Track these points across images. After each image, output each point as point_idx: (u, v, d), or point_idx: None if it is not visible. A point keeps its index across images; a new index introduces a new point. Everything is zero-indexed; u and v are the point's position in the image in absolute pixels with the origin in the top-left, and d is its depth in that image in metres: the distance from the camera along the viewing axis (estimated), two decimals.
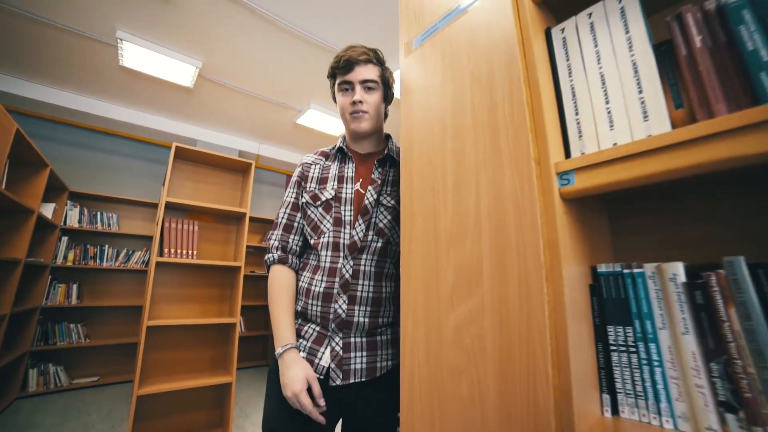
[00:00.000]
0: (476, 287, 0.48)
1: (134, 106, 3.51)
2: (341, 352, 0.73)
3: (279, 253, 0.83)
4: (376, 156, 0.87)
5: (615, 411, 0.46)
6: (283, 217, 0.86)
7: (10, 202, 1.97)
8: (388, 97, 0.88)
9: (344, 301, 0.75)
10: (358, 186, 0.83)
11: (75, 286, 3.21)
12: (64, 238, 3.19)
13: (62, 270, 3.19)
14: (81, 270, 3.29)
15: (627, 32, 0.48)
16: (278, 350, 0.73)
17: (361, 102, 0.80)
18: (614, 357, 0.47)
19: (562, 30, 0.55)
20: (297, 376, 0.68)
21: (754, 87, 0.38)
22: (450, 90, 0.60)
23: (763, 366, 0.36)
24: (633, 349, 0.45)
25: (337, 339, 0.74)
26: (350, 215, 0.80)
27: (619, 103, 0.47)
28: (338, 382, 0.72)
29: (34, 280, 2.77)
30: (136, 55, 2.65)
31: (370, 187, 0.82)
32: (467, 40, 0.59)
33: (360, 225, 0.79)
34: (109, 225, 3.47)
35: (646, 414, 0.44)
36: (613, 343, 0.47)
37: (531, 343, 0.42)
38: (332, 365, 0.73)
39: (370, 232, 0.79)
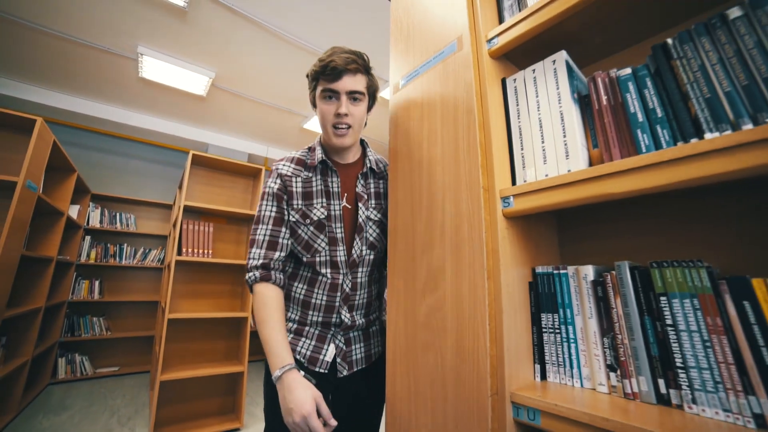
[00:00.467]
0: (441, 283, 0.64)
1: (151, 113, 3.72)
2: (344, 347, 0.81)
3: (261, 271, 0.77)
4: (357, 167, 0.87)
5: (543, 376, 0.61)
6: (265, 235, 0.79)
7: (46, 206, 2.18)
8: (371, 106, 0.85)
9: (346, 311, 0.81)
10: (344, 202, 0.83)
11: (97, 282, 3.44)
12: (87, 238, 3.42)
13: (85, 267, 3.42)
14: (102, 267, 3.52)
15: (557, 88, 0.62)
16: (276, 372, 0.67)
17: (346, 115, 0.76)
18: (545, 337, 0.62)
19: (514, 80, 0.69)
20: (304, 397, 0.64)
21: (635, 140, 0.53)
22: (426, 126, 0.75)
23: (632, 338, 0.51)
24: (558, 331, 0.60)
25: (339, 337, 0.81)
26: (342, 232, 0.81)
27: (550, 142, 0.62)
28: (345, 372, 0.80)
29: (61, 277, 2.99)
30: (155, 68, 2.85)
31: (360, 204, 0.83)
32: (440, 86, 0.74)
33: (357, 243, 0.82)
34: (127, 225, 3.69)
35: (564, 378, 0.58)
36: (545, 326, 0.62)
37: (476, 325, 0.57)
38: (338, 359, 0.80)
39: (365, 248, 0.83)
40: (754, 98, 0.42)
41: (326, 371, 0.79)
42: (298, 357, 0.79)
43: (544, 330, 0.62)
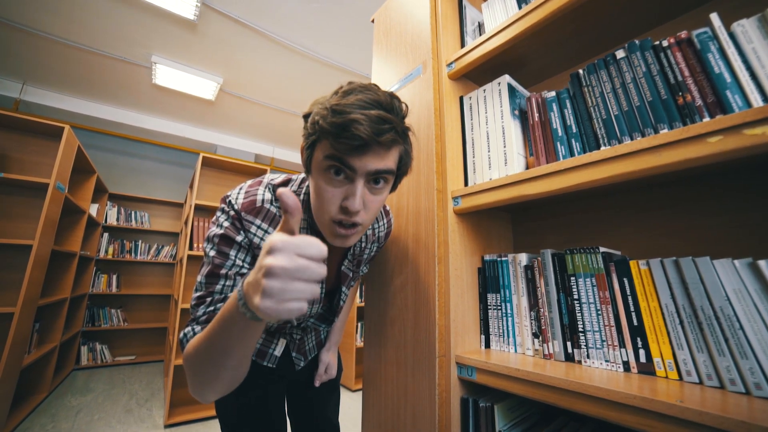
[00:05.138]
0: (404, 268, 0.77)
1: (163, 117, 3.93)
2: (297, 340, 0.77)
3: (202, 326, 0.50)
4: None
5: (487, 345, 0.73)
6: (223, 291, 0.53)
7: (71, 205, 2.38)
8: (396, 186, 0.60)
9: (297, 333, 0.74)
10: (324, 285, 0.68)
11: (115, 276, 3.67)
12: (105, 234, 3.64)
13: (104, 262, 3.65)
14: (119, 262, 3.75)
15: (501, 106, 0.75)
16: (239, 295, 0.39)
17: (358, 212, 0.50)
18: (490, 312, 0.74)
19: (470, 98, 0.82)
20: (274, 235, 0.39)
21: (555, 150, 0.65)
22: None
23: (551, 311, 0.63)
24: (499, 308, 0.73)
25: (294, 332, 0.76)
26: (316, 311, 0.70)
27: (494, 152, 0.74)
28: (302, 364, 0.78)
29: (83, 271, 3.22)
30: (167, 75, 3.03)
31: (343, 287, 0.71)
32: (409, 102, 0.87)
33: (335, 318, 0.75)
34: (142, 223, 3.91)
35: (503, 345, 0.71)
36: (490, 304, 0.74)
37: (429, 301, 0.70)
38: (293, 353, 0.76)
39: (337, 316, 0.76)
40: (630, 121, 0.55)
41: (274, 366, 0.74)
42: None
43: (489, 307, 0.75)
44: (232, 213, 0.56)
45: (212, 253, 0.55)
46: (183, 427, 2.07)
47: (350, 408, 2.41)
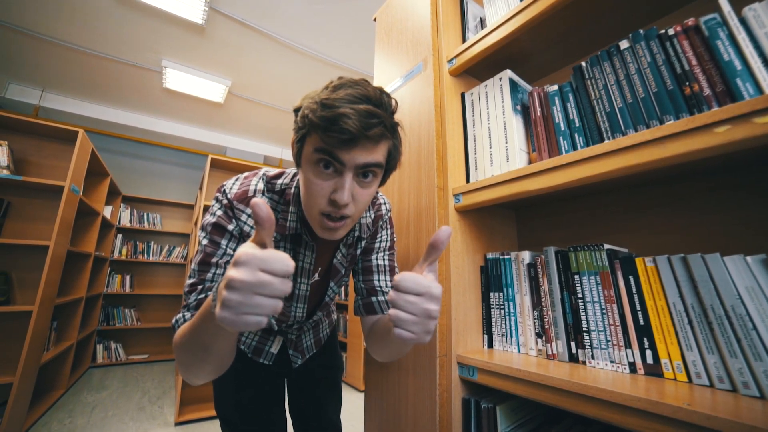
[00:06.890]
0: (405, 267, 0.76)
1: (174, 120, 4.01)
2: (294, 338, 0.75)
3: (193, 312, 0.53)
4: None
5: (490, 345, 0.72)
6: (214, 279, 0.55)
7: (86, 207, 2.45)
8: (385, 180, 0.59)
9: (296, 316, 0.69)
10: (316, 276, 0.67)
11: (128, 277, 3.76)
12: (119, 236, 3.73)
13: (118, 263, 3.74)
14: (132, 263, 3.84)
15: (502, 101, 0.73)
16: (213, 296, 0.41)
17: (346, 205, 0.50)
18: (493, 312, 0.73)
19: (471, 94, 0.81)
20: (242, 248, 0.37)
21: (558, 145, 0.63)
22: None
23: (554, 310, 0.61)
24: (502, 307, 0.71)
25: (289, 331, 0.74)
26: (302, 311, 0.68)
27: (496, 148, 0.73)
28: (299, 362, 0.77)
29: (98, 271, 3.31)
30: (177, 79, 3.10)
31: (332, 283, 0.69)
32: (410, 99, 0.86)
33: (316, 315, 0.72)
34: (154, 224, 4.00)
35: (506, 345, 0.70)
36: (493, 303, 0.73)
37: None
38: (290, 351, 0.75)
39: (321, 312, 0.75)
40: (634, 113, 0.53)
41: (270, 363, 0.73)
42: (242, 347, 0.73)
43: (492, 306, 0.73)
44: (225, 201, 0.58)
45: (205, 241, 0.56)
46: (193, 424, 2.10)
47: (359, 408, 2.41)
